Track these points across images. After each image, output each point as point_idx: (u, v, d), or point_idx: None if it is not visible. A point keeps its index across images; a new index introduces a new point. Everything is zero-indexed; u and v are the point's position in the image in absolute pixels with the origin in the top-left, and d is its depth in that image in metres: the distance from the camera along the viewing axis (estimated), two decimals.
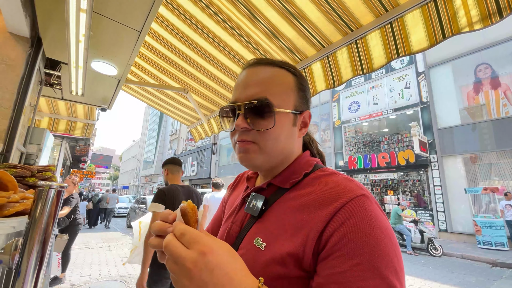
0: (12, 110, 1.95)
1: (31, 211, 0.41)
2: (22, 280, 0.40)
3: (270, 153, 0.58)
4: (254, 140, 0.58)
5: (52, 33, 1.99)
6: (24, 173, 0.82)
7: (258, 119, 0.57)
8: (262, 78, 0.59)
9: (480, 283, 5.27)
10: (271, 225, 0.54)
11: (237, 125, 0.57)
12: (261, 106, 0.57)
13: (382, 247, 0.42)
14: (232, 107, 0.60)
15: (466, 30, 1.27)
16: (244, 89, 0.59)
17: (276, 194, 0.59)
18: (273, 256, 0.48)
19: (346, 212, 0.45)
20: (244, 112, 0.58)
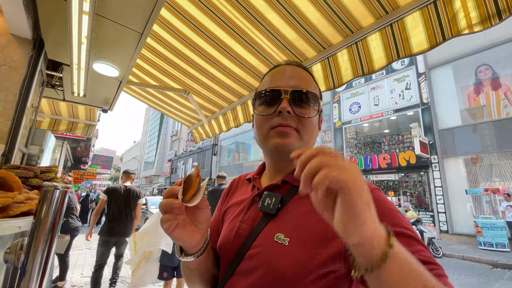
0: (14, 111, 1.96)
1: (37, 211, 0.41)
2: (28, 279, 0.41)
3: (306, 142, 0.63)
4: (295, 126, 0.61)
5: (54, 35, 2.00)
6: (27, 174, 0.82)
7: (302, 107, 0.62)
8: (303, 76, 0.66)
9: (481, 284, 5.25)
10: (292, 222, 0.56)
11: (283, 107, 0.60)
12: (311, 96, 0.63)
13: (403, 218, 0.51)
14: (275, 92, 0.63)
15: (465, 32, 1.28)
16: (288, 80, 0.64)
17: (291, 192, 0.61)
18: (300, 250, 0.51)
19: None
20: (290, 98, 0.61)
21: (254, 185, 0.71)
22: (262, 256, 0.53)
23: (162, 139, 41.32)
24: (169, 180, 33.43)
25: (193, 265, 0.60)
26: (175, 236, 0.52)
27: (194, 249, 0.57)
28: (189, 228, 0.53)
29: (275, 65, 0.72)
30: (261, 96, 0.65)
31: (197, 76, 2.73)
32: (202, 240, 0.57)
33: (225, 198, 0.81)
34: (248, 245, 0.57)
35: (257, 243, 0.56)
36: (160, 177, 39.25)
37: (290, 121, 0.61)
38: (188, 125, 4.06)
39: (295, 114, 0.61)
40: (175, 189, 0.51)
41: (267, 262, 0.52)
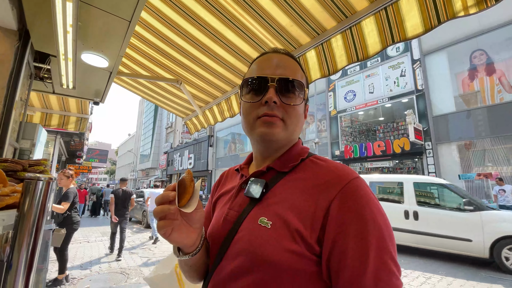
0: (2, 105, 1.91)
1: (20, 203, 0.40)
2: (14, 272, 0.40)
3: (292, 131, 0.64)
4: (281, 116, 0.61)
5: (40, 25, 1.93)
6: (15, 167, 0.80)
7: (289, 95, 0.62)
8: (289, 64, 0.66)
9: (475, 266, 5.42)
10: (275, 206, 0.57)
11: (269, 98, 0.60)
12: (295, 83, 0.62)
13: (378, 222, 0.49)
14: (262, 80, 0.62)
15: (461, 15, 1.26)
16: (275, 68, 0.64)
17: (276, 178, 0.62)
18: (281, 233, 0.52)
19: (345, 194, 0.51)
20: (276, 86, 0.61)
21: (242, 174, 0.73)
22: (246, 240, 0.55)
23: (157, 131, 41.01)
24: (165, 172, 33.40)
25: (191, 261, 0.62)
26: (172, 239, 0.53)
27: (191, 248, 0.59)
28: (184, 229, 0.54)
29: (262, 52, 0.72)
30: (248, 84, 0.65)
31: (189, 65, 2.68)
32: (198, 238, 0.59)
33: (215, 190, 0.83)
34: (235, 230, 0.59)
35: (242, 227, 0.58)
36: (156, 169, 39.18)
37: (276, 110, 0.61)
38: (182, 116, 4.01)
39: (281, 103, 0.61)
40: (169, 195, 0.52)
41: (251, 245, 0.53)
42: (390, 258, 0.48)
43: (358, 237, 0.47)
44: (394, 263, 0.48)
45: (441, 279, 4.69)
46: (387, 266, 0.47)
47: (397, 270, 0.48)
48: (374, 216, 0.49)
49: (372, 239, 0.47)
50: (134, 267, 5.29)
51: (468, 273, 4.99)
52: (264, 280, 0.50)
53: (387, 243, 0.48)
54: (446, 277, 4.76)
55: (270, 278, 0.49)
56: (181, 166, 28.25)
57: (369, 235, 0.47)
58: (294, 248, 0.49)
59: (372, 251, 0.47)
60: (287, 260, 0.49)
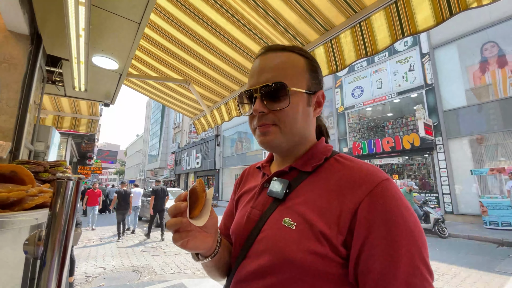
0: (17, 108, 1.96)
1: (52, 202, 0.42)
2: (48, 269, 0.42)
3: (289, 133, 0.61)
4: (273, 122, 0.61)
5: (51, 29, 1.97)
6: (37, 169, 0.83)
7: (274, 101, 0.60)
8: (275, 63, 0.63)
9: (487, 263, 5.32)
10: (299, 206, 0.56)
11: (255, 109, 0.61)
12: (276, 88, 0.59)
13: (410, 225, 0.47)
14: (249, 93, 0.63)
15: (474, 6, 1.23)
16: (259, 75, 0.62)
17: (299, 178, 0.62)
18: (305, 234, 0.51)
19: (375, 196, 0.49)
20: (260, 96, 0.61)
21: (264, 172, 0.73)
22: (270, 240, 0.55)
23: (165, 131, 41.41)
24: (173, 172, 33.73)
25: (211, 263, 0.63)
26: (188, 248, 0.54)
27: (208, 252, 0.60)
28: (199, 236, 0.55)
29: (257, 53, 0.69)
30: (240, 98, 0.67)
31: (197, 65, 2.70)
32: (214, 242, 0.59)
33: (238, 188, 0.84)
34: (258, 229, 0.59)
35: (266, 227, 0.58)
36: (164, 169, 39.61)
37: (265, 120, 0.61)
38: (190, 116, 4.05)
39: (269, 110, 0.60)
40: (181, 206, 0.51)
41: (275, 245, 0.53)
42: (423, 263, 0.46)
43: (388, 240, 0.46)
44: (427, 268, 0.46)
45: (454, 276, 4.62)
46: (420, 271, 0.45)
47: (430, 275, 0.46)
48: (406, 219, 0.47)
49: (404, 242, 0.46)
50: (146, 265, 5.37)
51: (481, 269, 4.90)
52: (288, 280, 0.50)
53: (419, 247, 0.46)
54: (460, 274, 4.69)
55: (294, 279, 0.50)
56: (188, 165, 28.49)
57: (400, 239, 0.46)
58: (318, 249, 0.49)
59: (404, 255, 0.45)
60: (311, 261, 0.49)
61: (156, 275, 4.82)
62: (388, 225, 0.47)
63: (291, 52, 0.65)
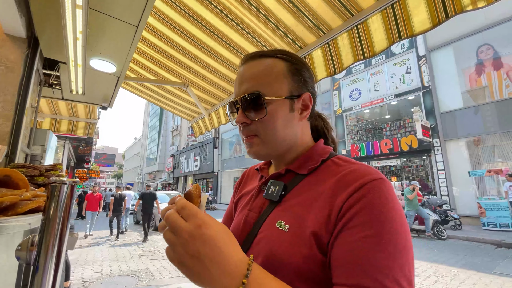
0: (14, 112, 1.95)
1: (45, 207, 0.41)
2: (41, 275, 0.41)
3: (272, 142, 0.61)
4: (255, 133, 0.61)
5: (49, 32, 1.97)
6: (32, 173, 0.82)
7: (253, 111, 0.60)
8: (253, 72, 0.62)
9: (486, 264, 5.32)
10: (293, 209, 0.56)
11: (237, 121, 0.63)
12: (252, 99, 0.59)
13: (394, 225, 0.44)
14: (234, 103, 0.66)
15: (469, 9, 1.24)
16: (239, 85, 0.63)
17: (295, 180, 0.61)
18: (297, 237, 0.50)
19: (364, 191, 0.47)
20: (242, 107, 0.61)
21: (262, 175, 0.73)
22: (265, 243, 0.55)
23: (163, 134, 41.33)
24: (172, 175, 33.61)
25: None
26: None
27: None
28: None
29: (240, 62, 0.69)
30: (229, 108, 0.69)
31: (195, 68, 2.70)
32: None
33: (237, 189, 0.84)
34: (255, 232, 0.59)
35: (262, 229, 0.58)
36: (163, 172, 39.47)
37: (248, 130, 0.62)
38: (188, 118, 4.04)
39: (251, 121, 0.61)
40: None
41: (268, 248, 0.53)
42: (400, 268, 0.41)
43: (368, 234, 0.43)
44: (403, 275, 0.41)
45: (453, 277, 4.62)
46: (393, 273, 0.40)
47: (407, 283, 0.41)
48: (392, 219, 0.44)
49: (384, 241, 0.42)
50: (144, 270, 5.33)
51: (480, 271, 4.90)
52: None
53: (400, 251, 0.42)
54: (459, 276, 4.68)
55: (287, 282, 0.48)
56: (187, 168, 28.41)
57: (381, 237, 0.42)
58: (310, 252, 0.48)
59: (381, 253, 0.42)
60: (303, 264, 0.48)
61: (154, 279, 4.78)
62: (371, 219, 0.44)
63: (271, 57, 0.63)
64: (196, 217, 0.41)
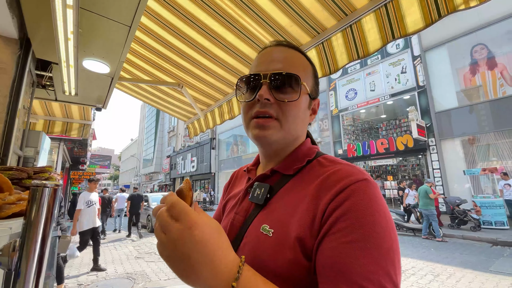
0: (5, 113, 1.93)
1: (27, 210, 0.40)
2: (23, 281, 0.40)
3: (288, 130, 0.58)
4: (275, 115, 0.57)
5: (41, 33, 1.95)
6: (20, 175, 0.80)
7: (283, 91, 0.57)
8: (287, 56, 0.60)
9: (482, 262, 5.36)
10: (278, 212, 0.54)
11: (260, 94, 0.56)
12: (289, 78, 0.57)
13: (377, 228, 0.43)
14: (254, 77, 0.59)
15: (462, 8, 1.25)
16: (269, 63, 0.59)
17: (281, 182, 0.59)
18: (281, 242, 0.49)
19: (347, 194, 0.46)
20: (269, 83, 0.57)
21: (249, 177, 0.70)
22: (250, 248, 0.53)
23: (160, 135, 41.15)
24: (168, 176, 33.46)
25: None
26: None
27: None
28: None
29: (264, 46, 0.67)
30: (243, 82, 0.62)
31: (190, 69, 2.68)
32: None
33: (226, 191, 0.82)
34: (241, 236, 0.57)
35: (247, 233, 0.56)
36: (159, 173, 39.28)
37: (269, 108, 0.57)
38: (184, 119, 4.02)
39: (275, 100, 0.57)
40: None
41: (253, 253, 0.51)
42: (385, 272, 0.40)
43: (351, 239, 0.42)
44: (389, 279, 0.40)
45: (450, 276, 4.64)
46: (377, 277, 0.39)
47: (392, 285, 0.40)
48: (377, 222, 0.43)
49: (367, 245, 0.41)
50: (140, 272, 5.29)
51: (476, 269, 4.94)
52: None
53: (384, 255, 0.41)
54: (455, 274, 4.71)
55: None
56: (184, 169, 28.30)
57: (364, 241, 0.41)
58: (294, 257, 0.46)
59: (365, 259, 0.40)
60: (287, 269, 0.46)
61: (150, 281, 4.74)
62: (354, 224, 0.43)
63: (302, 54, 0.63)
64: (187, 217, 0.39)
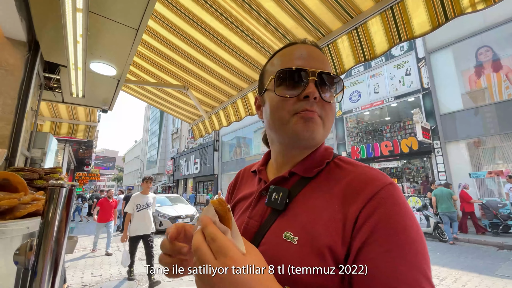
0: (14, 115, 1.95)
1: (44, 211, 0.40)
2: (39, 280, 0.40)
3: (327, 131, 0.59)
4: (319, 113, 0.56)
5: (49, 36, 1.98)
6: (32, 176, 0.82)
7: (329, 92, 0.58)
8: (325, 59, 0.61)
9: (488, 266, 5.29)
10: (301, 218, 0.51)
11: (311, 92, 0.54)
12: (336, 80, 0.58)
13: (412, 234, 0.44)
14: (301, 72, 0.56)
15: (469, 11, 1.25)
16: (310, 60, 0.58)
17: (299, 184, 0.57)
18: (309, 250, 0.47)
19: (377, 201, 0.46)
20: (317, 81, 0.55)
21: (260, 177, 0.67)
22: (270, 255, 0.49)
23: (163, 137, 41.35)
24: (172, 177, 33.57)
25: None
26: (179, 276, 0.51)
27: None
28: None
29: (289, 43, 0.65)
30: (284, 75, 0.57)
31: (196, 71, 2.70)
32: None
33: (232, 192, 0.78)
34: (257, 242, 0.54)
35: (265, 240, 0.54)
36: (163, 175, 39.43)
37: (315, 106, 0.55)
38: (188, 121, 4.04)
39: (320, 99, 0.55)
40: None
41: (276, 261, 0.48)
42: (423, 274, 0.42)
43: (387, 249, 0.42)
44: (427, 280, 0.42)
45: (455, 280, 4.59)
46: (419, 283, 0.41)
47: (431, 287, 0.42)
48: (409, 228, 0.44)
49: (404, 253, 0.42)
50: (144, 273, 5.29)
51: (483, 273, 4.87)
52: None
53: (420, 259, 0.43)
54: (461, 278, 4.65)
55: None
56: (187, 171, 28.38)
57: (400, 248, 0.42)
58: (323, 267, 0.45)
59: (404, 266, 0.41)
60: (315, 279, 0.45)
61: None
62: (389, 232, 0.43)
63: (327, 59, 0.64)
64: (227, 256, 0.36)
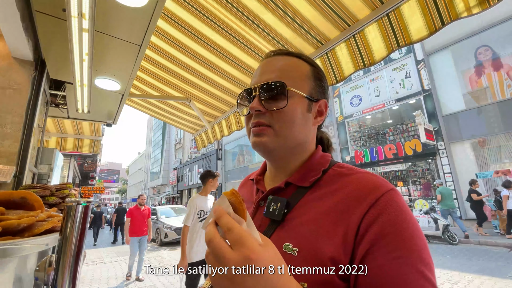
0: (22, 132, 2.00)
1: (62, 227, 0.42)
2: None
3: (284, 136, 0.58)
4: (269, 123, 0.58)
5: (55, 55, 2.04)
6: (44, 193, 0.84)
7: (272, 100, 0.58)
8: (277, 65, 0.62)
9: (500, 268, 5.17)
10: (300, 229, 0.51)
11: (251, 107, 0.59)
12: (275, 87, 0.58)
13: (416, 240, 0.44)
14: (248, 92, 0.61)
15: (464, 15, 1.28)
16: (260, 75, 0.61)
17: (297, 195, 0.57)
18: (310, 261, 0.46)
19: (379, 208, 0.46)
20: (259, 94, 0.59)
21: (258, 188, 0.68)
22: None
23: (166, 148, 41.52)
24: (176, 188, 33.55)
25: None
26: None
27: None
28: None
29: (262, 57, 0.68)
30: (240, 97, 0.65)
31: (198, 83, 2.75)
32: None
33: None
34: None
35: None
36: (167, 186, 39.40)
37: (261, 118, 0.58)
38: (191, 132, 4.08)
39: (266, 110, 0.58)
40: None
41: None
42: (428, 281, 0.42)
43: (396, 256, 0.42)
44: (433, 286, 0.42)
45: (468, 283, 4.48)
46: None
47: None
48: (413, 234, 0.44)
49: (412, 260, 0.42)
50: (151, 286, 5.25)
51: (495, 276, 4.76)
52: None
53: (428, 268, 0.43)
54: (473, 282, 4.55)
55: None
56: (191, 181, 28.35)
57: (409, 256, 0.42)
58: (325, 278, 0.44)
59: (413, 274, 0.41)
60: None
61: None
62: (396, 239, 0.43)
63: (297, 58, 0.64)
64: (244, 246, 0.34)
